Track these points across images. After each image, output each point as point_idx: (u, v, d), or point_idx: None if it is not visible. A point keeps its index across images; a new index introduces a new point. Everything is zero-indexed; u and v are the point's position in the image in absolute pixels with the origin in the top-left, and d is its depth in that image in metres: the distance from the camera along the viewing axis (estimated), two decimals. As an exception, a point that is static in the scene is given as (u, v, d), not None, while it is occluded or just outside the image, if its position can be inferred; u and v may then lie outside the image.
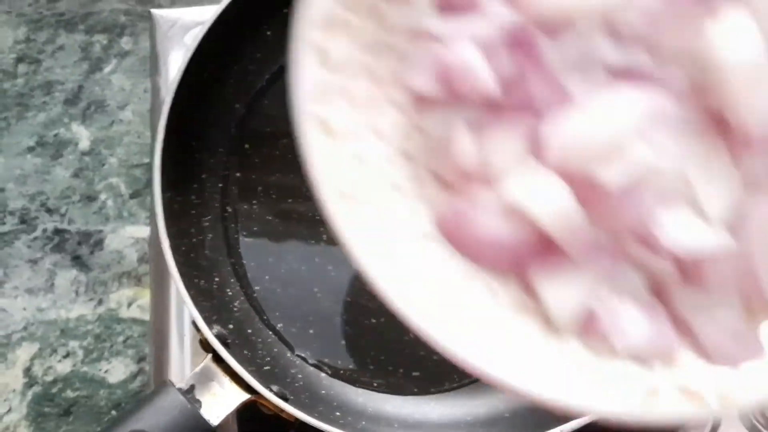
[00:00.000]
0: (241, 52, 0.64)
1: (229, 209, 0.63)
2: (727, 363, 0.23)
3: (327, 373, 0.59)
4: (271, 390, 0.50)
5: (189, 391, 0.49)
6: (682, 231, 0.21)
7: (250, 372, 0.50)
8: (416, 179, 0.25)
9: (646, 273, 0.23)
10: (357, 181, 0.25)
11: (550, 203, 0.21)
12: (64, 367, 0.96)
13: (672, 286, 0.23)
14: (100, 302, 1.00)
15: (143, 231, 1.00)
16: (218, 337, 0.51)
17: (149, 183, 1.03)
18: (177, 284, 0.51)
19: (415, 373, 0.59)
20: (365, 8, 0.26)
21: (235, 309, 0.60)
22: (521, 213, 0.22)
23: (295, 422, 0.53)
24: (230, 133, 0.65)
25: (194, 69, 0.58)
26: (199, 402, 0.48)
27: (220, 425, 0.49)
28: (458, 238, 0.23)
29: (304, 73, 0.28)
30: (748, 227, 0.21)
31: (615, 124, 0.21)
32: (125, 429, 0.45)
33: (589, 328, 0.23)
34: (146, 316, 0.97)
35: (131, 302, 0.98)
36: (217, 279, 0.60)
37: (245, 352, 0.56)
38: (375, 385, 0.59)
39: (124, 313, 0.98)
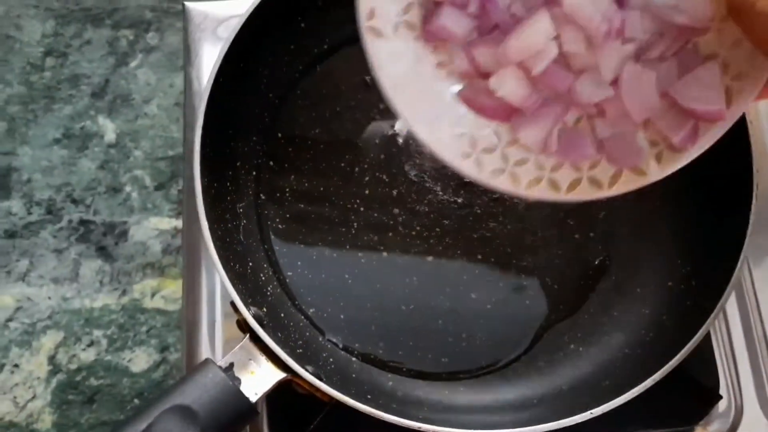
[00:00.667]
0: (276, 44, 0.66)
1: (263, 196, 0.64)
2: (621, 164, 0.41)
3: (357, 357, 0.60)
4: (306, 370, 0.51)
5: (228, 369, 0.50)
6: (588, 89, 0.38)
7: (286, 352, 0.52)
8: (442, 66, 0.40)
9: (581, 113, 0.40)
10: (402, 69, 0.40)
11: (512, 87, 0.38)
12: (88, 356, 0.97)
13: (594, 119, 0.40)
14: (124, 292, 1.01)
15: (167, 223, 1.01)
16: (255, 318, 0.52)
17: (174, 175, 1.04)
18: (216, 266, 0.52)
19: (444, 359, 0.60)
20: None
21: (269, 293, 0.61)
22: (499, 93, 0.39)
23: (329, 402, 0.54)
24: (264, 122, 0.66)
25: (231, 59, 0.60)
26: (239, 380, 0.50)
27: (258, 402, 0.50)
28: (470, 102, 0.40)
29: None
30: (621, 82, 0.37)
31: (539, 35, 0.36)
32: (169, 403, 0.46)
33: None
34: (170, 307, 0.98)
35: (155, 293, 0.99)
36: (251, 264, 0.62)
37: (279, 334, 0.57)
38: (404, 370, 0.60)
39: (148, 303, 0.99)
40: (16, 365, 0.98)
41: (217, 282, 0.68)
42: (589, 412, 0.50)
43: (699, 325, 0.53)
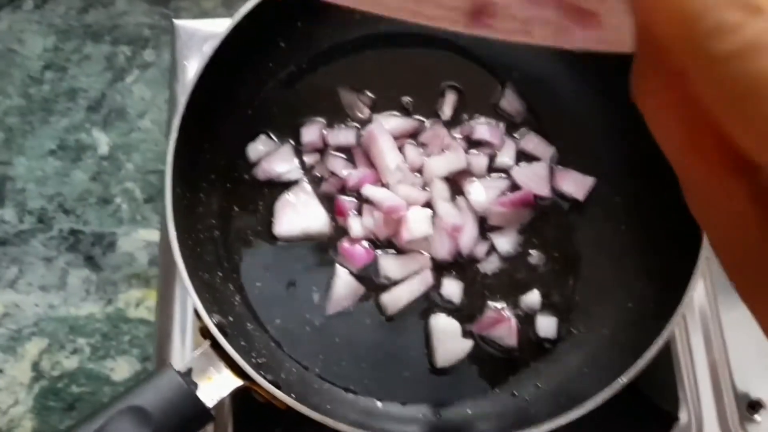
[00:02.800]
0: (255, 62, 0.68)
1: (236, 208, 0.66)
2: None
3: (316, 374, 0.61)
4: (264, 378, 0.52)
5: (187, 374, 0.51)
6: None
7: (245, 360, 0.53)
8: None
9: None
10: None
11: None
12: (71, 363, 0.98)
13: None
14: (110, 302, 1.03)
15: (155, 235, 1.03)
16: (217, 326, 0.54)
17: (163, 189, 1.06)
18: (181, 272, 0.54)
19: (406, 373, 0.61)
20: None
21: (236, 303, 0.63)
22: None
23: (287, 411, 0.55)
24: (240, 136, 0.68)
25: (209, 74, 0.62)
26: (195, 384, 0.51)
27: (215, 409, 0.51)
28: None
29: None
30: None
31: None
32: (124, 404, 0.47)
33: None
34: (153, 317, 0.99)
35: (139, 303, 1.01)
36: (219, 274, 0.63)
37: (242, 343, 0.59)
38: (360, 389, 0.60)
39: (132, 313, 1.01)
40: (0, 371, 1.00)
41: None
42: (546, 425, 0.51)
43: (653, 341, 0.53)
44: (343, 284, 0.62)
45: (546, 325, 0.62)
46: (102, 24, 1.17)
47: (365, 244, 0.64)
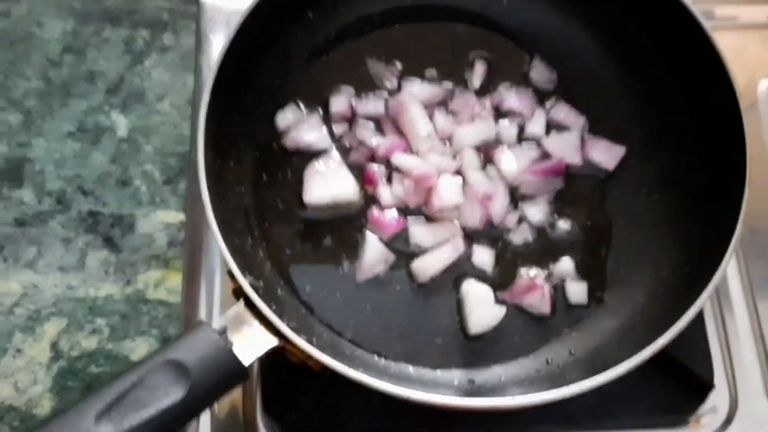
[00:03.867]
0: (283, 33, 0.68)
1: (265, 177, 0.66)
2: None
3: (348, 340, 0.60)
4: (300, 336, 0.52)
5: (222, 332, 0.51)
6: None
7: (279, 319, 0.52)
8: None
9: None
10: None
11: None
12: (89, 344, 0.98)
13: None
14: (129, 283, 1.02)
15: (174, 216, 1.02)
16: (251, 285, 0.53)
17: (182, 171, 1.06)
18: (213, 232, 0.54)
19: (438, 340, 0.61)
20: None
21: (266, 270, 0.62)
22: None
23: (320, 374, 0.55)
24: (269, 108, 0.68)
25: (238, 44, 0.62)
26: (231, 342, 0.50)
27: (249, 366, 0.51)
28: None
29: None
30: None
31: None
32: (162, 358, 0.47)
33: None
34: (172, 299, 0.98)
35: (158, 284, 1.00)
36: (250, 241, 0.63)
37: (274, 307, 0.58)
38: (392, 355, 0.60)
39: (151, 294, 1.00)
40: (18, 350, 0.99)
41: (217, 263, 0.69)
42: (575, 385, 0.50)
43: (689, 307, 0.53)
44: (374, 252, 0.62)
45: (576, 291, 0.61)
46: (121, 8, 1.17)
47: (395, 212, 0.63)
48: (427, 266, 0.62)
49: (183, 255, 0.70)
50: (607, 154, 0.65)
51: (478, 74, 0.69)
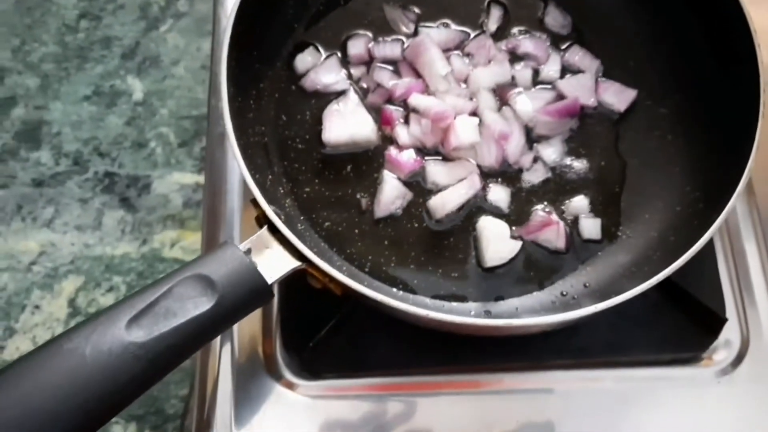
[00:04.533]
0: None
1: (284, 117, 0.67)
2: None
3: (366, 272, 0.62)
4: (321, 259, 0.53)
5: (247, 253, 0.52)
6: None
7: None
8: None
9: None
10: None
11: None
12: (106, 300, 0.99)
13: None
14: (145, 242, 1.04)
15: (189, 178, 1.04)
16: (275, 212, 0.54)
17: (197, 134, 1.07)
18: (238, 160, 0.55)
19: (454, 274, 0.62)
20: None
21: (287, 204, 0.63)
22: None
23: (341, 299, 0.56)
24: (289, 50, 0.69)
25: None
26: (254, 263, 0.52)
27: (274, 285, 0.52)
28: None
29: None
30: None
31: None
32: (189, 272, 0.48)
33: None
34: (188, 257, 1.00)
35: (174, 243, 1.02)
36: (270, 177, 0.64)
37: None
38: (410, 287, 0.61)
39: (167, 253, 1.02)
40: (37, 306, 1.01)
41: (236, 207, 0.70)
42: (593, 306, 0.51)
43: (702, 234, 0.54)
44: (391, 189, 0.63)
45: (590, 227, 0.62)
46: (136, -25, 1.19)
47: (412, 151, 0.64)
48: (444, 202, 0.63)
49: (203, 203, 0.71)
50: (618, 97, 0.66)
51: (494, 19, 0.70)
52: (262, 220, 0.55)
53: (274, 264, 0.52)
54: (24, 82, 1.13)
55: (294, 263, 0.53)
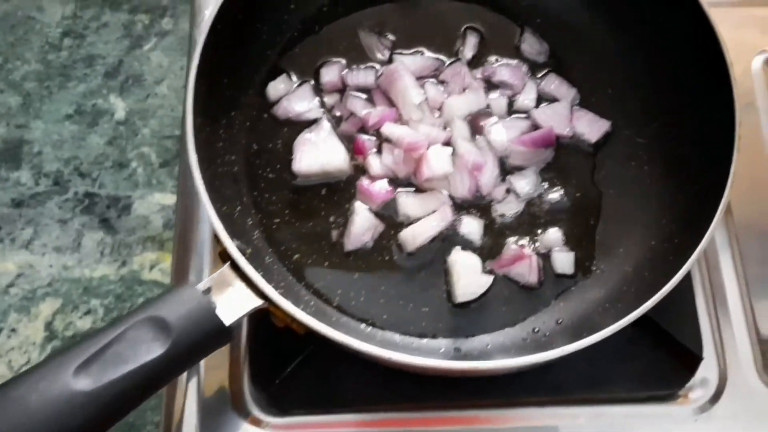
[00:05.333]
0: (276, 3, 0.68)
1: (255, 146, 0.66)
2: None
3: (334, 306, 0.60)
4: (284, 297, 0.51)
5: (206, 292, 0.51)
6: None
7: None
8: None
9: None
10: None
11: None
12: (84, 324, 0.98)
13: None
14: (124, 264, 1.02)
15: (170, 198, 1.02)
16: (238, 248, 0.53)
17: (179, 154, 1.06)
18: (200, 194, 0.53)
19: (425, 309, 0.60)
20: None
21: (254, 237, 0.62)
22: None
23: (305, 337, 0.54)
24: (261, 76, 0.68)
25: (230, 11, 0.62)
26: (214, 303, 0.50)
27: (232, 327, 0.51)
28: None
29: None
30: None
31: None
32: (143, 314, 0.47)
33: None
34: (167, 280, 0.98)
35: (153, 265, 1.01)
36: (239, 208, 0.63)
37: (261, 273, 0.58)
38: (379, 323, 0.60)
39: (146, 275, 1.00)
40: (13, 330, 1.00)
41: (207, 237, 0.69)
42: (560, 349, 0.50)
43: (677, 271, 0.52)
44: (362, 220, 0.62)
45: (563, 261, 0.61)
46: (120, -8, 1.18)
47: (385, 182, 0.63)
48: (415, 235, 0.61)
49: (174, 229, 0.70)
50: (591, 127, 0.65)
51: (469, 46, 0.69)
52: (225, 255, 0.53)
53: (234, 304, 0.51)
54: (6, 100, 1.12)
55: (256, 302, 0.52)
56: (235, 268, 0.52)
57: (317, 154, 0.64)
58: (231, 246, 0.52)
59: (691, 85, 0.63)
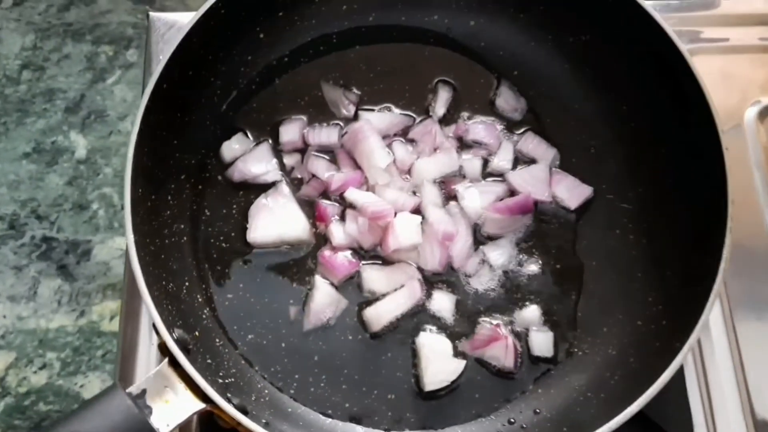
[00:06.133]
0: (230, 53, 0.63)
1: (207, 212, 0.60)
2: None
3: (291, 396, 0.55)
4: (230, 401, 0.46)
5: (140, 396, 0.45)
6: None
7: (210, 381, 0.47)
8: None
9: None
10: None
11: None
12: (39, 379, 0.92)
13: None
14: (82, 314, 0.96)
15: (132, 243, 0.97)
16: (179, 341, 0.48)
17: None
18: (138, 281, 0.48)
19: (390, 396, 0.55)
20: None
21: (204, 317, 0.57)
22: None
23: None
24: (216, 135, 0.63)
25: (179, 64, 0.56)
26: (149, 408, 0.45)
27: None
28: None
29: None
30: None
31: None
32: (66, 430, 0.42)
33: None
34: (128, 331, 0.93)
35: (114, 315, 0.95)
36: (187, 284, 0.57)
37: (209, 361, 0.53)
38: (340, 414, 0.54)
39: (106, 326, 0.94)
40: (-37, 386, 0.94)
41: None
42: None
43: (667, 364, 0.48)
44: (323, 296, 0.57)
45: (540, 342, 0.56)
46: (83, 22, 1.12)
47: (348, 253, 0.58)
48: (380, 314, 0.56)
49: (123, 294, 0.65)
50: (570, 192, 0.60)
51: (441, 101, 0.63)
52: (164, 349, 0.48)
53: (173, 408, 0.46)
54: (-40, 137, 1.06)
55: (197, 405, 0.46)
56: (175, 364, 0.47)
57: (275, 221, 0.59)
58: (170, 342, 0.47)
59: (679, 147, 0.58)
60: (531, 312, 0.57)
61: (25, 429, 0.88)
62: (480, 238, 0.59)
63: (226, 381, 0.52)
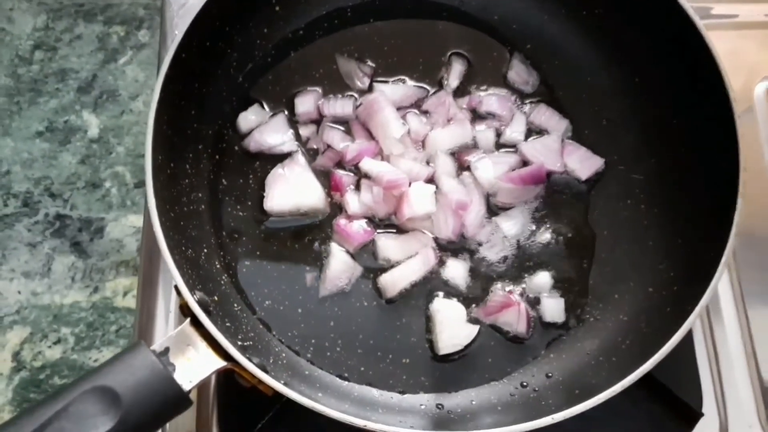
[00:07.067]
0: (247, 26, 0.63)
1: (224, 182, 0.61)
2: None
3: (308, 359, 0.56)
4: (250, 360, 0.47)
5: (163, 354, 0.46)
6: None
7: (228, 340, 0.48)
8: None
9: None
10: None
11: None
12: (53, 354, 0.93)
13: None
14: (96, 290, 0.98)
15: (145, 221, 0.98)
16: (200, 303, 0.49)
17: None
18: (159, 244, 0.49)
19: (405, 360, 0.56)
20: None
21: (222, 282, 0.58)
22: None
23: (275, 399, 0.50)
24: (232, 106, 0.63)
25: (197, 36, 0.57)
26: (172, 365, 0.46)
27: (195, 395, 0.46)
28: None
29: None
30: None
31: None
32: (90, 384, 0.43)
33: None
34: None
35: (127, 292, 0.96)
36: (206, 251, 0.58)
37: (227, 324, 0.54)
38: (356, 377, 0.55)
39: (119, 302, 0.96)
40: (-21, 360, 0.95)
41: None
42: (550, 417, 0.46)
43: (678, 327, 0.48)
44: (339, 263, 0.58)
45: (552, 308, 0.57)
46: (95, 3, 1.12)
47: (363, 222, 0.59)
48: (395, 280, 0.57)
49: (140, 264, 0.66)
50: (582, 164, 0.61)
51: (455, 74, 0.64)
52: (186, 310, 0.49)
53: (195, 366, 0.47)
54: (-27, 117, 1.07)
55: (219, 363, 0.47)
56: (197, 324, 0.48)
57: (291, 191, 0.60)
58: (192, 302, 0.48)
59: (691, 118, 0.59)
60: (542, 278, 0.58)
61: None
62: (493, 208, 0.60)
63: (245, 344, 0.53)
